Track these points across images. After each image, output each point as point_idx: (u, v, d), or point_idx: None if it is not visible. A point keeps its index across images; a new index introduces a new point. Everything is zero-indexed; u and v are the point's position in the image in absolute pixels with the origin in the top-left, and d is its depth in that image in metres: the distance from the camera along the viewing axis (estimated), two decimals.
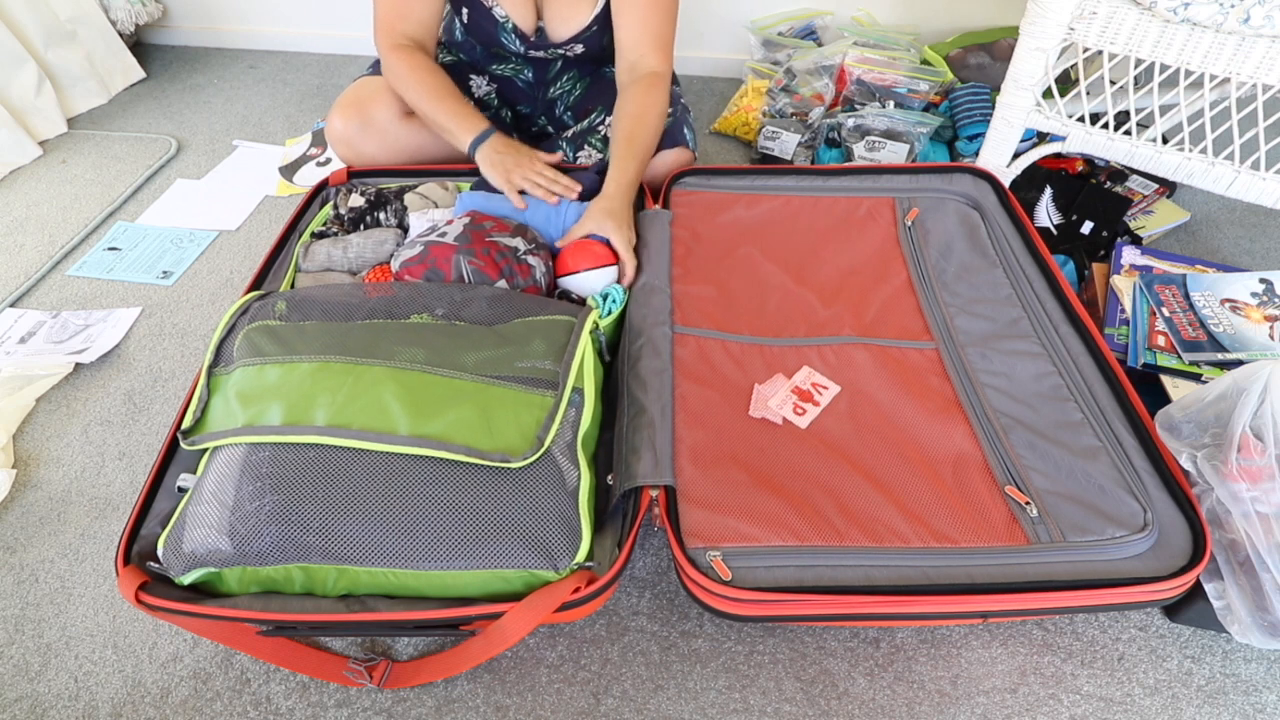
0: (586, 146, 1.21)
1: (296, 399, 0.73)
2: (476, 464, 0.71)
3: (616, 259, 0.98)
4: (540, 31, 1.15)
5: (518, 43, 1.16)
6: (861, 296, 0.98)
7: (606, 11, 1.12)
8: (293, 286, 1.00)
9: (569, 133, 1.24)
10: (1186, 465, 0.72)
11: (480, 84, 1.26)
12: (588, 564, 0.70)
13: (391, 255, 1.00)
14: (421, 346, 0.79)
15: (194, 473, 0.76)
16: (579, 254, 0.96)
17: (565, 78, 1.27)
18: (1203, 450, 0.70)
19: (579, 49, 1.18)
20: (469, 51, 1.25)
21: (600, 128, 1.22)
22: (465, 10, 1.14)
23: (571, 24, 1.14)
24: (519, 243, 0.94)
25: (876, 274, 1.02)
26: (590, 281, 0.96)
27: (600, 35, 1.16)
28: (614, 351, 0.94)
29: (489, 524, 0.68)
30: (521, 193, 1.04)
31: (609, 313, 0.92)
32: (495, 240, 0.93)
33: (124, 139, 1.62)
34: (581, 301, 0.96)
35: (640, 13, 1.08)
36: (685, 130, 1.21)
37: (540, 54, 1.19)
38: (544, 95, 1.29)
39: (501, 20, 1.13)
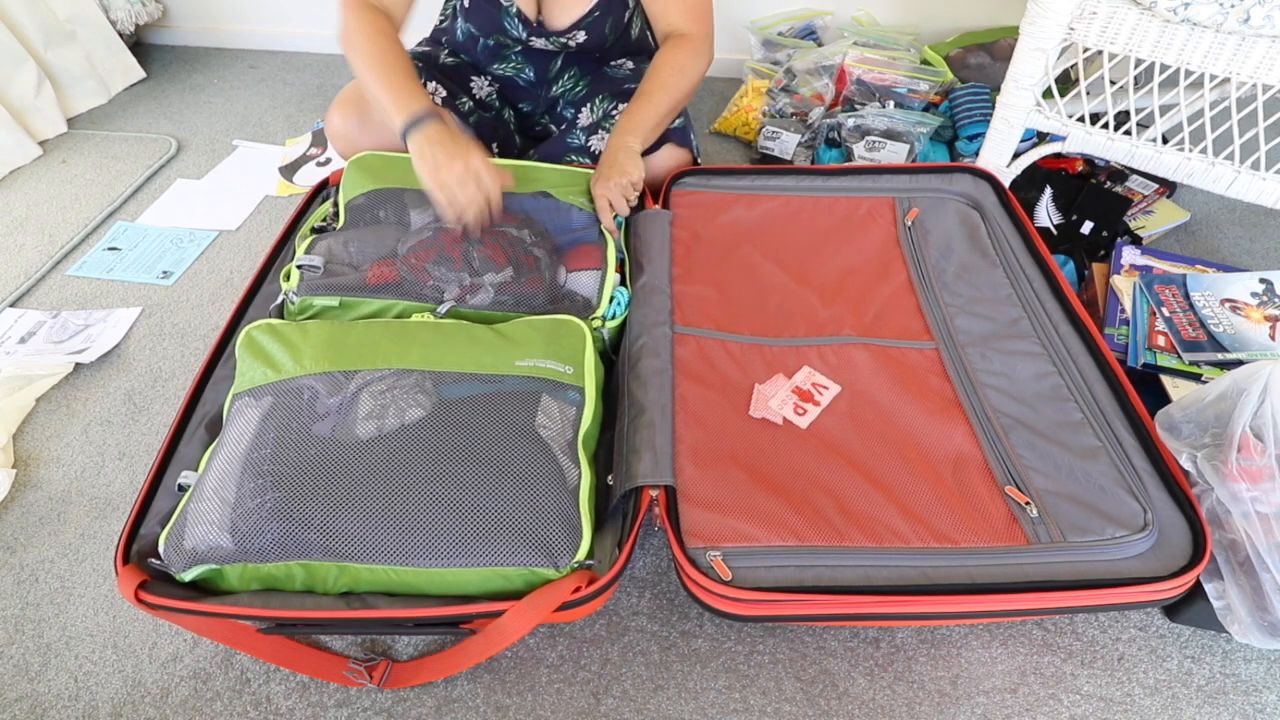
0: (600, 131, 1.19)
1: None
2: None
3: (604, 264, 0.97)
4: (541, 20, 1.14)
5: (520, 28, 1.14)
6: (861, 296, 0.98)
7: None
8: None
9: (584, 121, 1.21)
10: (1186, 465, 0.72)
11: (481, 85, 1.25)
12: (588, 562, 0.70)
13: (391, 250, 1.00)
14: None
15: (195, 471, 0.76)
16: (574, 257, 0.97)
17: (567, 75, 1.26)
18: (1203, 450, 0.70)
19: (581, 37, 1.15)
20: (470, 52, 1.25)
21: (615, 114, 1.20)
22: None
23: (572, 10, 1.12)
24: (526, 234, 0.95)
25: (876, 274, 1.02)
26: (582, 281, 0.96)
27: (603, 22, 1.14)
28: (616, 352, 0.94)
29: (490, 521, 0.68)
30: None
31: (613, 315, 0.92)
32: (503, 230, 0.94)
33: (124, 139, 1.62)
34: (585, 303, 0.95)
35: None
36: (692, 136, 1.21)
37: (542, 43, 1.17)
38: (546, 94, 1.28)
39: (506, 4, 1.11)
